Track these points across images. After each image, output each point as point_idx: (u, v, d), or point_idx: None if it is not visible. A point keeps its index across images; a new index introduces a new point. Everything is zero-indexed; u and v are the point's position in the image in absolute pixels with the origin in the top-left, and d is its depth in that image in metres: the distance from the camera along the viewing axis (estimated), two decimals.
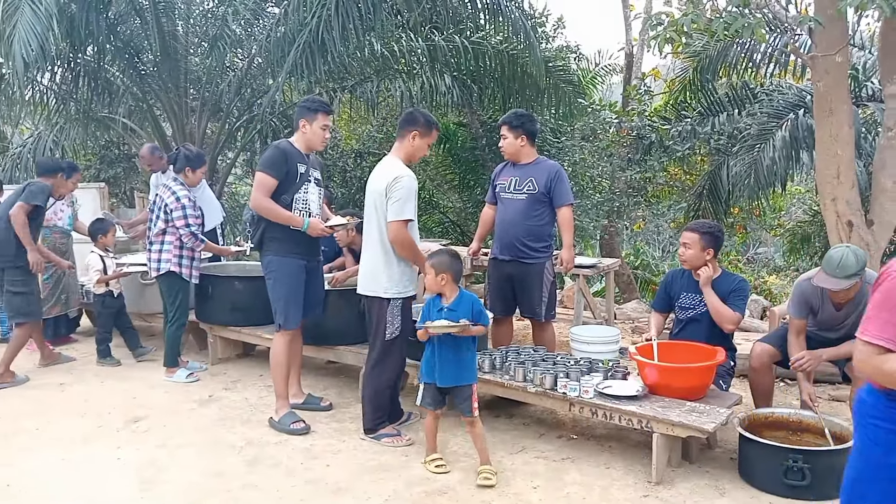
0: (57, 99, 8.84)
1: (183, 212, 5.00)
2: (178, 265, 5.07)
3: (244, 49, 9.03)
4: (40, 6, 6.28)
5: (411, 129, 3.93)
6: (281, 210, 4.10)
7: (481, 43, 8.37)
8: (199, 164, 5.29)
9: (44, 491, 3.46)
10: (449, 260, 3.57)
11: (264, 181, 4.07)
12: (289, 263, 4.19)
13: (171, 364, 5.22)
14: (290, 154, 4.16)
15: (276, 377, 4.29)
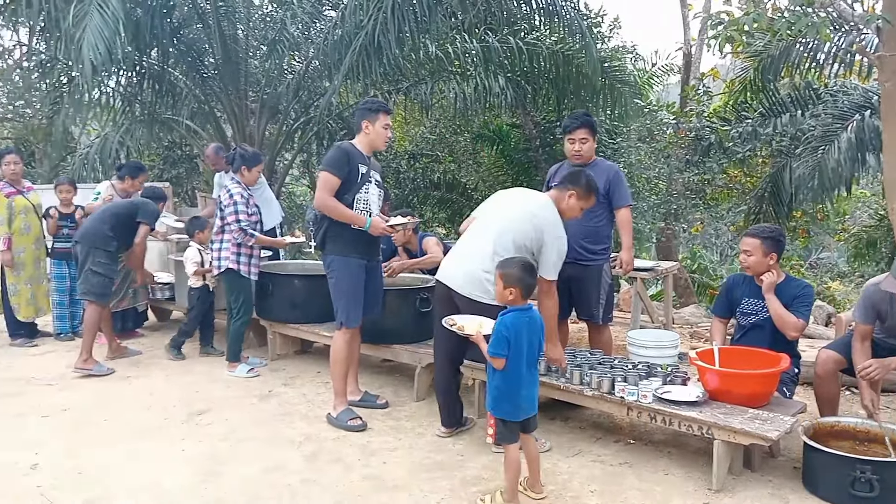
0: (123, 101, 9.14)
1: (234, 208, 5.13)
2: (237, 262, 5.17)
3: (302, 52, 9.19)
4: (108, 11, 6.50)
5: (571, 188, 3.87)
6: (344, 208, 4.15)
7: (536, 44, 8.35)
8: (254, 163, 5.36)
9: (112, 480, 3.58)
10: (519, 273, 3.29)
11: (328, 180, 4.13)
12: (350, 263, 4.24)
13: (232, 359, 5.34)
14: (353, 154, 4.22)
15: (335, 374, 4.35)
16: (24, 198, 6.28)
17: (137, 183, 6.26)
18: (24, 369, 5.57)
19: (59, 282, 6.47)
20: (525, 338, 3.23)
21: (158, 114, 9.08)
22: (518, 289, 3.27)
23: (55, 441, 4.08)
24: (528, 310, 3.31)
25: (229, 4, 8.37)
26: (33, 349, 6.21)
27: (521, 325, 3.23)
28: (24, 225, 6.25)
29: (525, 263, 3.38)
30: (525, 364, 3.24)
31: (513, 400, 3.23)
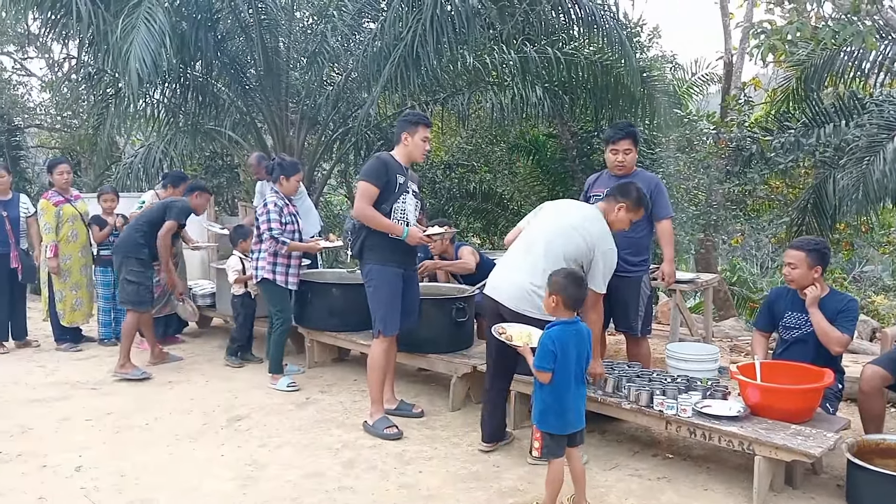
0: (167, 112, 9.35)
1: (267, 216, 5.16)
2: (272, 272, 5.19)
3: (341, 64, 9.32)
4: (154, 25, 6.68)
5: (621, 199, 3.86)
6: (382, 218, 4.19)
7: (574, 54, 8.34)
8: (292, 172, 5.38)
9: (154, 482, 3.66)
10: (564, 281, 3.28)
11: (367, 190, 4.18)
12: (388, 271, 4.27)
13: (275, 371, 5.33)
14: (391, 165, 4.26)
15: (372, 382, 4.38)
16: (72, 206, 6.46)
17: (179, 192, 6.38)
18: (69, 374, 5.72)
19: (104, 288, 6.64)
20: (572, 351, 3.21)
21: (201, 124, 9.27)
22: (560, 297, 3.25)
23: (98, 444, 4.18)
24: (575, 323, 3.29)
25: (272, 17, 8.52)
26: (77, 354, 6.37)
27: (567, 338, 3.21)
28: (72, 232, 6.43)
29: (572, 273, 3.37)
30: (573, 377, 3.22)
31: (560, 414, 3.22)
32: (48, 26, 7.80)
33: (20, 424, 4.50)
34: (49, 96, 17.00)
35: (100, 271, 6.64)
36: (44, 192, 6.85)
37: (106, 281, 6.62)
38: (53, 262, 6.31)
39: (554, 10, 7.86)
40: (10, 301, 6.47)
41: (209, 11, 8.00)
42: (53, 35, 8.02)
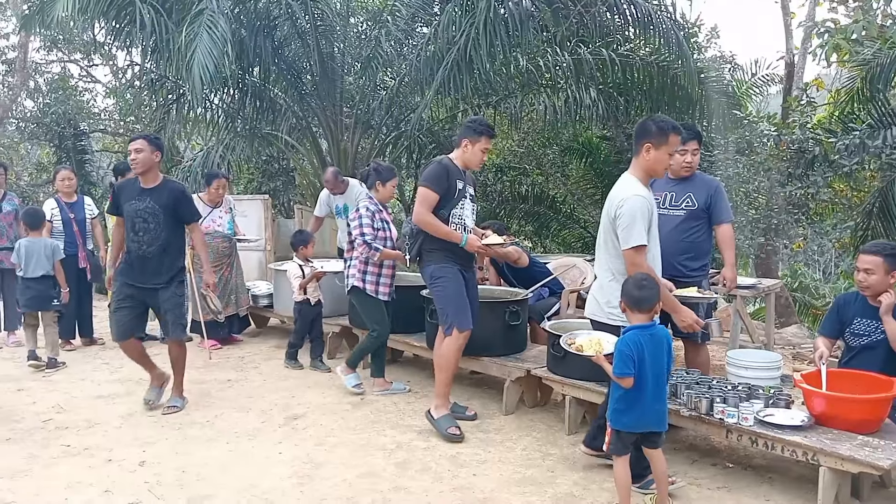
0: (226, 117, 9.60)
1: (359, 221, 5.01)
2: (362, 280, 5.05)
3: (394, 68, 9.42)
4: (216, 32, 6.87)
5: (643, 141, 3.56)
6: (441, 225, 4.22)
7: (629, 55, 8.26)
8: (388, 178, 5.20)
9: (214, 479, 3.73)
10: (626, 285, 3.32)
11: (427, 196, 4.21)
12: (450, 268, 4.31)
13: (351, 363, 5.23)
14: (451, 170, 4.28)
15: (441, 378, 4.38)
16: None
17: (212, 190, 6.47)
18: (133, 371, 5.85)
19: None
20: (648, 354, 3.21)
21: (259, 129, 9.48)
22: (623, 300, 3.30)
23: (161, 440, 4.29)
24: (649, 326, 3.27)
25: (327, 23, 8.67)
26: None
27: (641, 341, 3.21)
28: None
29: (634, 276, 3.37)
30: (651, 380, 3.22)
31: (632, 413, 3.24)
32: (113, 34, 8.11)
33: (87, 419, 4.65)
34: (113, 102, 17.62)
35: None
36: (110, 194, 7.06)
37: None
38: None
39: (609, 11, 7.79)
40: (78, 300, 6.70)
41: (267, 18, 8.19)
42: (118, 43, 8.36)
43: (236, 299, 6.64)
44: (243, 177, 14.07)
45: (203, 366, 5.99)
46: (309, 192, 10.70)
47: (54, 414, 4.76)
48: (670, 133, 3.52)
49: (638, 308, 3.26)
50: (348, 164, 9.03)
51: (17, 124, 16.76)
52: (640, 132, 3.61)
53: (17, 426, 4.51)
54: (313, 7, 8.37)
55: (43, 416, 4.72)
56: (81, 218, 6.73)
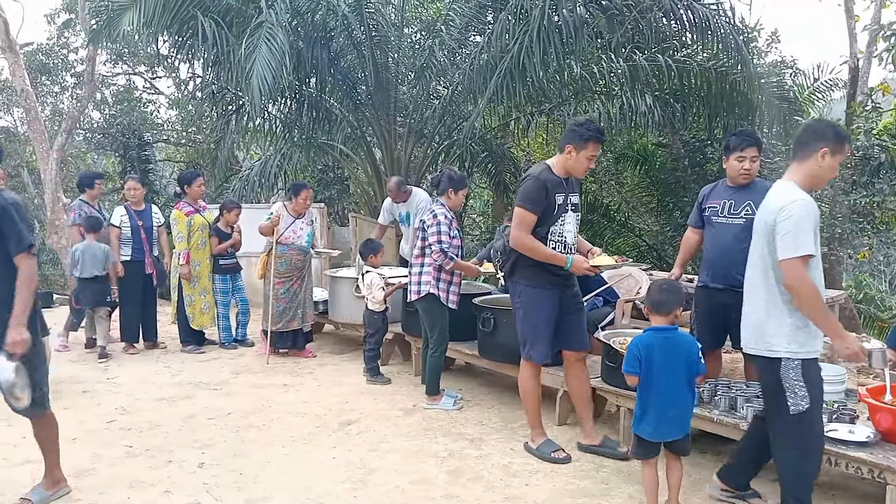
0: (283, 127, 9.80)
1: (437, 227, 4.86)
2: (437, 287, 4.92)
3: (447, 77, 9.48)
4: (275, 44, 7.04)
5: (819, 144, 3.11)
6: (543, 248, 3.90)
7: (686, 61, 8.12)
8: (461, 186, 5.08)
9: (270, 481, 3.81)
10: (649, 291, 3.37)
11: (525, 218, 3.87)
12: (540, 294, 3.98)
13: (432, 392, 5.08)
14: (550, 184, 3.89)
15: (528, 409, 4.20)
16: (201, 216, 6.86)
17: (300, 200, 6.44)
18: (193, 374, 6.05)
19: (222, 296, 6.92)
20: (659, 357, 3.23)
21: (315, 138, 9.65)
22: (646, 302, 3.40)
23: (219, 442, 4.39)
24: (666, 329, 3.30)
25: (382, 34, 8.78)
26: (201, 356, 6.73)
27: (652, 344, 3.26)
28: (201, 241, 6.80)
29: (658, 281, 3.46)
30: (664, 384, 3.22)
31: (652, 419, 3.24)
32: (176, 47, 8.38)
33: (148, 421, 4.80)
34: (175, 113, 18.20)
35: (219, 279, 6.90)
36: (175, 202, 7.28)
37: (224, 289, 6.90)
38: (185, 268, 6.71)
39: (665, 16, 7.68)
40: (143, 304, 6.93)
41: (324, 30, 8.35)
42: (181, 56, 8.62)
43: (303, 314, 6.52)
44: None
45: (261, 370, 6.13)
46: (363, 200, 10.85)
47: (118, 415, 4.92)
48: (846, 143, 3.19)
49: (657, 311, 3.31)
50: (401, 173, 9.11)
51: (84, 135, 17.46)
52: (815, 135, 3.16)
53: (83, 426, 4.68)
54: (369, 18, 8.50)
55: (107, 417, 4.89)
56: (149, 226, 6.97)
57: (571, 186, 4.03)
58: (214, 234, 6.87)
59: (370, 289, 5.77)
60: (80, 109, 14.26)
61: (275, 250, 6.35)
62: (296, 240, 6.41)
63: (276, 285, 6.36)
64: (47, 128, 13.50)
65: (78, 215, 6.80)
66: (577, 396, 4.27)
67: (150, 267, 6.93)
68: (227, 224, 6.93)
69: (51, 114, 17.14)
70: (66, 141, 12.78)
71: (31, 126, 12.60)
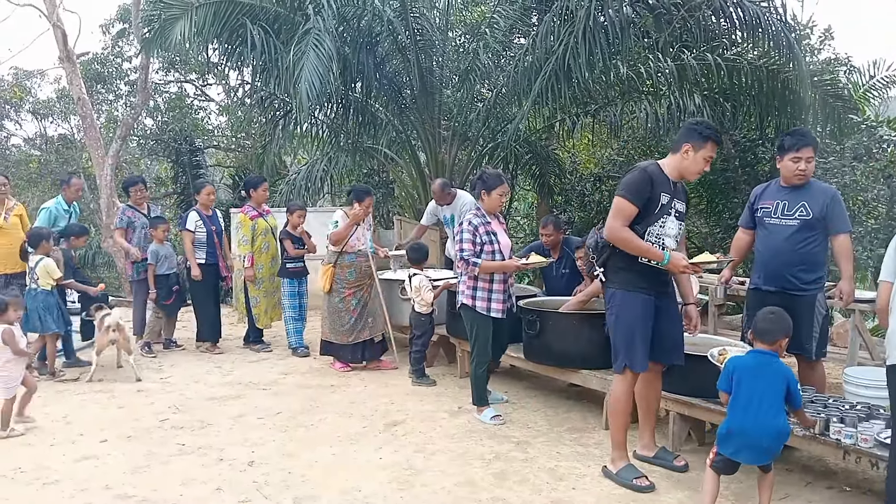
0: (330, 131, 9.93)
1: (461, 236, 4.75)
2: (472, 297, 4.74)
3: (492, 80, 9.48)
4: (322, 50, 7.13)
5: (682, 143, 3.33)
6: (638, 241, 3.62)
7: (736, 59, 7.95)
8: (494, 185, 4.79)
9: (318, 481, 3.86)
10: (758, 316, 3.41)
11: (624, 208, 3.62)
12: (635, 299, 3.73)
13: (478, 403, 4.92)
14: (657, 180, 3.65)
15: (614, 426, 3.90)
16: (265, 220, 7.00)
17: (364, 206, 6.16)
18: (243, 375, 6.17)
19: (291, 299, 6.83)
20: (748, 381, 3.21)
21: (361, 143, 9.75)
22: (752, 329, 3.36)
23: (269, 441, 4.47)
24: (764, 354, 3.26)
25: (427, 38, 8.83)
26: (251, 356, 6.85)
27: (744, 366, 3.24)
28: (264, 245, 6.94)
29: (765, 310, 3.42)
30: (753, 409, 3.17)
31: (733, 441, 3.22)
32: (226, 55, 8.56)
33: (200, 420, 4.91)
34: (225, 119, 18.59)
35: (287, 283, 6.84)
36: (241, 206, 7.42)
37: (293, 292, 6.82)
38: (250, 271, 6.85)
39: (714, 14, 7.53)
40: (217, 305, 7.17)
41: (370, 35, 8.43)
42: (230, 63, 8.80)
43: (373, 322, 6.23)
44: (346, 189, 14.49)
45: (308, 371, 6.23)
46: (407, 203, 10.89)
47: (170, 414, 5.05)
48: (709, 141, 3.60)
49: (761, 338, 3.29)
50: (446, 176, 9.13)
51: (138, 141, 17.96)
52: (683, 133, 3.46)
53: (137, 425, 4.81)
54: (413, 23, 8.55)
55: (160, 415, 5.02)
56: (219, 230, 7.18)
57: (679, 192, 3.77)
58: (286, 237, 6.79)
59: (418, 291, 5.78)
60: (134, 117, 14.67)
61: (341, 260, 6.14)
62: (360, 247, 6.23)
63: (346, 297, 6.12)
64: (102, 135, 13.92)
65: (120, 219, 7.04)
66: (644, 404, 4.07)
67: (225, 269, 7.18)
68: (293, 227, 6.84)
69: (106, 121, 17.65)
70: (121, 147, 13.16)
71: (88, 133, 13.02)
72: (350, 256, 6.16)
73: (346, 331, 6.13)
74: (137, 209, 7.12)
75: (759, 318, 3.34)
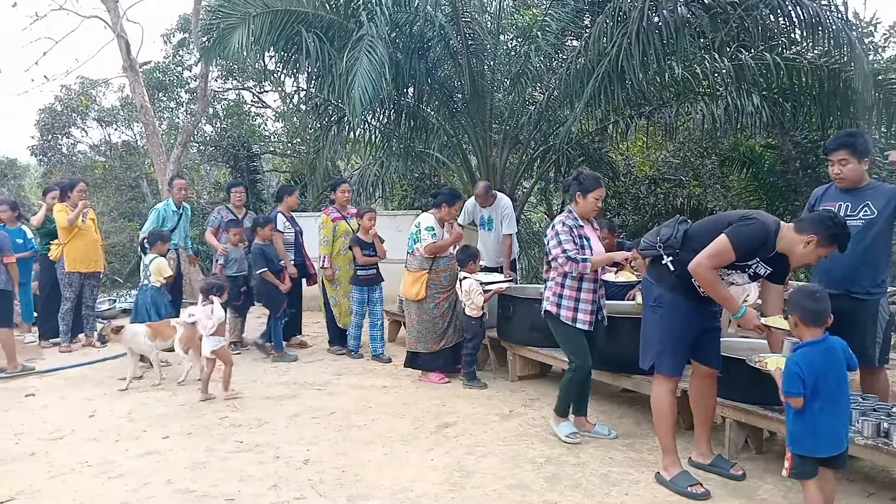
0: (382, 136, 10.04)
1: (556, 239, 4.43)
2: (556, 305, 4.49)
3: (543, 83, 9.45)
4: (375, 56, 7.23)
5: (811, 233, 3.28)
6: (721, 287, 3.53)
7: (796, 58, 7.75)
8: (590, 188, 4.47)
9: (371, 480, 3.91)
10: (797, 298, 3.13)
11: (726, 255, 3.47)
12: (679, 303, 3.70)
13: (560, 413, 4.62)
14: (768, 245, 3.47)
15: (659, 429, 3.86)
16: (346, 223, 7.10)
17: (454, 210, 6.11)
18: (298, 375, 6.30)
19: (358, 306, 6.80)
20: (823, 372, 3.03)
21: (412, 147, 9.83)
22: (796, 315, 3.10)
23: (323, 440, 4.55)
24: (822, 340, 3.09)
25: (478, 42, 8.86)
26: (305, 357, 6.98)
27: (815, 360, 3.04)
28: (343, 247, 7.00)
29: (805, 287, 3.18)
30: (828, 398, 3.03)
31: (811, 435, 3.05)
32: (282, 63, 8.76)
33: (257, 418, 5.03)
34: (281, 125, 18.99)
35: (356, 290, 6.79)
36: (325, 207, 7.58)
37: (360, 299, 6.77)
38: (329, 270, 6.97)
39: (772, 13, 7.36)
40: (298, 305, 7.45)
41: (422, 41, 8.50)
42: (286, 70, 8.99)
43: (458, 325, 6.06)
44: (397, 193, 14.64)
45: (361, 372, 6.31)
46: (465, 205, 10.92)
47: (229, 412, 5.19)
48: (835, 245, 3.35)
49: (816, 322, 3.08)
50: (497, 179, 9.15)
51: (197, 147, 18.48)
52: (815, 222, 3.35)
53: (198, 422, 4.96)
54: (465, 28, 8.59)
55: (220, 413, 5.16)
56: (300, 231, 7.53)
57: (772, 260, 3.57)
58: (356, 243, 6.75)
59: (469, 295, 5.80)
60: (194, 123, 15.08)
61: (436, 265, 6.00)
62: (452, 250, 6.10)
63: (440, 302, 5.99)
64: (164, 141, 14.35)
65: (214, 218, 7.35)
66: (700, 411, 4.00)
67: (312, 267, 7.49)
68: (364, 231, 6.80)
69: (167, 128, 18.24)
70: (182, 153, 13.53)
71: (150, 140, 13.45)
72: (444, 260, 6.03)
73: (437, 338, 5.99)
74: (233, 211, 7.37)
75: (808, 299, 3.09)
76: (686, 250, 3.64)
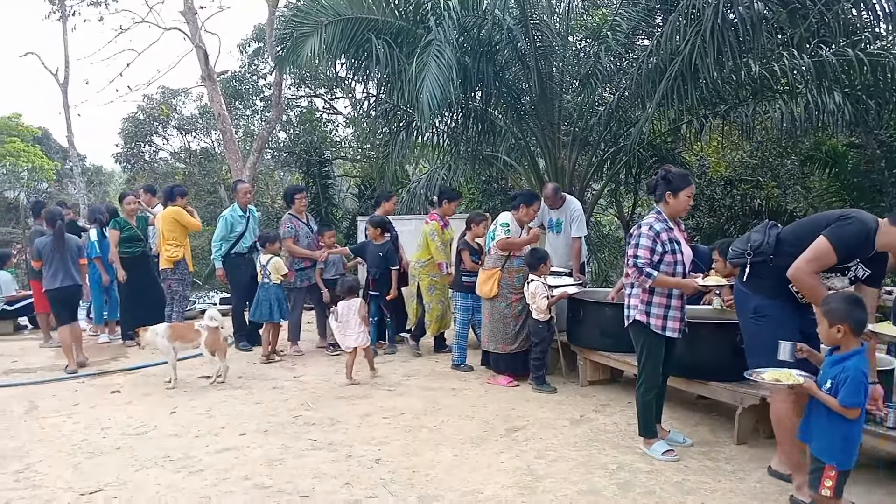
0: (450, 140, 10.09)
1: (636, 240, 4.20)
2: (646, 313, 4.21)
3: (613, 83, 9.33)
4: (443, 61, 7.29)
5: None
6: (824, 292, 3.39)
7: (880, 54, 7.39)
8: (680, 187, 4.19)
9: (441, 481, 3.93)
10: (846, 308, 3.03)
11: (827, 258, 3.40)
12: (784, 307, 3.63)
13: (645, 434, 4.37)
14: (868, 244, 3.40)
15: (781, 442, 3.73)
16: (447, 231, 7.22)
17: (532, 211, 6.17)
18: (370, 375, 6.38)
19: (464, 314, 6.71)
20: None
21: (480, 150, 9.85)
22: (847, 325, 3.02)
23: (394, 440, 4.61)
24: (863, 349, 3.07)
25: (546, 44, 8.81)
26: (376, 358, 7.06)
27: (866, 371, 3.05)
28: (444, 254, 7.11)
29: (849, 296, 3.10)
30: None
31: (854, 445, 3.08)
32: (352, 69, 8.92)
33: (330, 417, 5.13)
34: (352, 131, 19.34)
35: (460, 297, 6.73)
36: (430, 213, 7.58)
37: (466, 306, 6.68)
38: (453, 275, 6.96)
39: (855, 7, 7.06)
40: None
41: (489, 44, 8.52)
42: (356, 77, 9.15)
43: (526, 334, 6.00)
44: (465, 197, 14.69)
45: (430, 374, 6.37)
46: None
47: (303, 411, 5.31)
48: None
49: (861, 331, 3.06)
50: (565, 182, 9.07)
51: (272, 153, 19.02)
52: None
53: (273, 419, 5.10)
54: (533, 30, 8.55)
55: (294, 412, 5.29)
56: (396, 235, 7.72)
57: (871, 260, 3.48)
58: (465, 247, 6.70)
59: (534, 297, 5.77)
60: (269, 130, 15.54)
61: (509, 265, 6.03)
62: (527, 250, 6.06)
63: (512, 302, 5.98)
64: (240, 148, 14.84)
65: (288, 228, 7.47)
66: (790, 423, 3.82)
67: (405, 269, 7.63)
68: (473, 237, 6.74)
69: (243, 135, 18.84)
70: (257, 160, 13.98)
71: (227, 147, 13.93)
72: (518, 261, 6.00)
73: (510, 339, 5.98)
74: (298, 217, 7.58)
75: (855, 311, 2.99)
76: (781, 255, 3.53)
